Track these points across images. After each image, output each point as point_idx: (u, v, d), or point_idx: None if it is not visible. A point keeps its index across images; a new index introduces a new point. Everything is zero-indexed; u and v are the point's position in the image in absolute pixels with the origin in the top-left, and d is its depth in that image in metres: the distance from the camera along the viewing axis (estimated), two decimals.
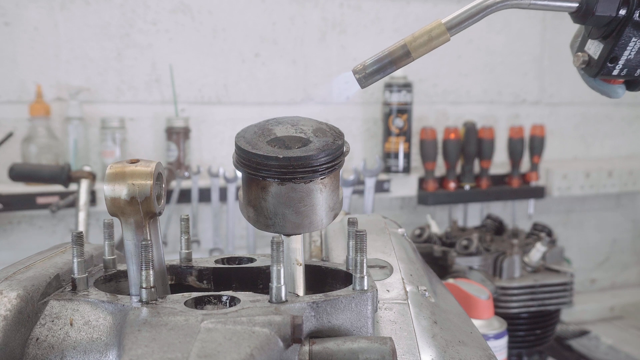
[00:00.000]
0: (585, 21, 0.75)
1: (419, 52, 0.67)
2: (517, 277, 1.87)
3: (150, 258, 0.56)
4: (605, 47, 0.76)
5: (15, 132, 2.02)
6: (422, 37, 0.66)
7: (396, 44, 0.67)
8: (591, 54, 0.79)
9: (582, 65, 0.80)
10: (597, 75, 0.79)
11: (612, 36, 0.75)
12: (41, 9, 2.03)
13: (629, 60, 0.76)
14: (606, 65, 0.77)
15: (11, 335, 0.54)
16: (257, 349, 0.48)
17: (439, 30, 0.67)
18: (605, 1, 0.72)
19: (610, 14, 0.73)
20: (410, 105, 2.32)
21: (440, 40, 0.67)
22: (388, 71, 0.67)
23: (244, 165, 0.60)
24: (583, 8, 0.74)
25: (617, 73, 0.78)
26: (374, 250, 0.78)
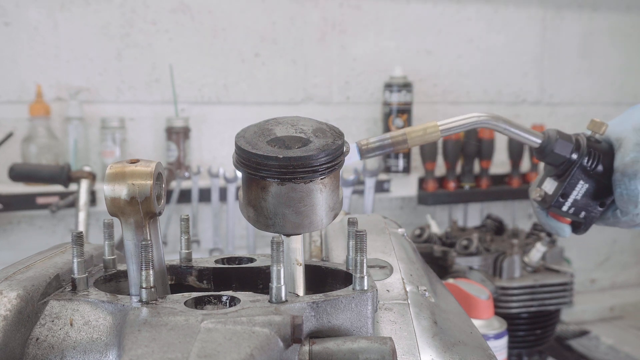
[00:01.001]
0: (544, 157, 0.88)
1: (414, 142, 0.81)
2: (517, 277, 1.87)
3: (150, 258, 0.56)
4: (559, 185, 0.90)
5: (15, 132, 2.02)
6: (418, 132, 0.81)
7: (398, 131, 0.81)
8: (547, 190, 0.92)
9: (538, 198, 0.93)
10: (549, 209, 0.92)
11: (565, 176, 0.88)
12: (41, 9, 2.03)
13: (576, 200, 0.89)
14: (558, 200, 0.90)
15: (11, 335, 0.54)
16: (257, 349, 0.48)
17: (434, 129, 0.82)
18: (562, 143, 0.87)
19: (565, 155, 0.87)
20: (410, 105, 2.33)
21: (432, 136, 0.82)
22: (387, 151, 0.80)
23: (244, 165, 0.60)
24: (544, 145, 0.87)
25: (565, 209, 0.90)
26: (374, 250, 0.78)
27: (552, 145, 0.87)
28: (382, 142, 0.79)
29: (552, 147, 0.87)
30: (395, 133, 0.81)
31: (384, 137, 0.80)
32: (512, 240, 1.94)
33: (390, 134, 0.80)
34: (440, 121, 0.82)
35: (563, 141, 0.87)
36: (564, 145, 0.87)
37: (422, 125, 0.82)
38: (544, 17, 2.67)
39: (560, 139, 0.87)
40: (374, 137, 0.79)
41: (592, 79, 2.81)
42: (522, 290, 1.84)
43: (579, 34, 2.75)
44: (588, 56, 2.78)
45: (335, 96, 2.41)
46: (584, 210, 0.90)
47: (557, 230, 0.95)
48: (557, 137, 0.87)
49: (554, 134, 0.88)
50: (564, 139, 0.87)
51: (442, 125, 0.82)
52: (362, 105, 2.45)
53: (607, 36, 2.79)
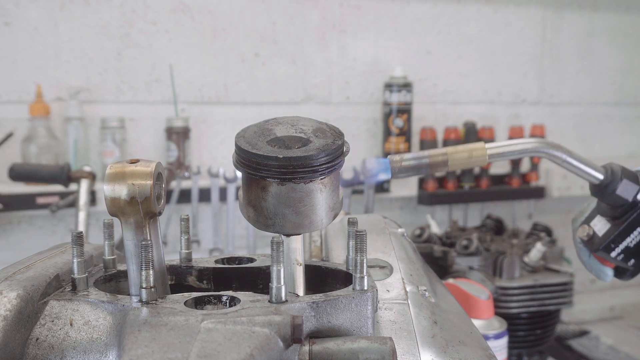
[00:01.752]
0: (604, 196, 0.77)
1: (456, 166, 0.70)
2: (517, 277, 1.87)
3: (150, 258, 0.56)
4: (612, 228, 0.79)
5: (15, 132, 2.02)
6: (463, 153, 0.70)
7: (438, 151, 0.70)
8: (596, 230, 0.81)
9: (585, 237, 0.82)
10: (596, 252, 0.82)
11: (621, 219, 0.78)
12: (41, 9, 2.03)
13: (627, 247, 0.79)
14: (609, 244, 0.79)
15: (11, 336, 0.54)
16: (257, 349, 0.48)
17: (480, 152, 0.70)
18: (627, 184, 0.75)
19: (628, 198, 0.76)
20: (410, 105, 2.33)
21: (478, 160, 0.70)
22: (422, 172, 0.70)
23: (244, 165, 0.60)
24: (606, 183, 0.76)
25: (614, 255, 0.80)
26: (374, 250, 0.78)
27: (615, 185, 0.76)
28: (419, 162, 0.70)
29: (614, 187, 0.76)
30: (435, 152, 0.70)
31: (421, 156, 0.70)
32: (512, 240, 1.94)
33: (430, 152, 0.70)
34: (489, 144, 0.72)
35: (628, 182, 0.76)
36: (629, 187, 0.76)
37: (467, 147, 0.71)
38: (544, 17, 2.68)
39: (625, 179, 0.76)
40: (409, 154, 0.70)
41: (592, 79, 2.81)
42: (522, 290, 1.84)
43: (579, 34, 2.75)
44: (588, 56, 2.78)
45: (335, 96, 2.41)
46: (634, 258, 0.80)
47: (599, 274, 0.86)
48: (621, 176, 0.76)
49: (618, 171, 0.77)
50: (629, 179, 0.76)
51: (491, 149, 0.72)
52: (362, 105, 2.45)
53: (607, 36, 2.79)
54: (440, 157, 0.70)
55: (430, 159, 0.70)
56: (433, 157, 0.70)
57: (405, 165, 0.69)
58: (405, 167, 0.69)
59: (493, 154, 0.72)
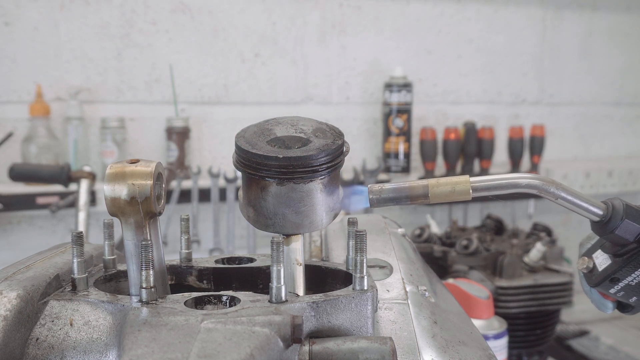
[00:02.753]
0: (602, 234, 0.74)
1: (437, 199, 0.67)
2: (517, 277, 1.87)
3: (150, 258, 0.56)
4: (612, 264, 0.76)
5: (15, 132, 2.02)
6: (445, 186, 0.66)
7: (419, 182, 0.67)
8: (597, 264, 0.78)
9: (584, 270, 0.80)
10: (594, 287, 0.79)
11: (623, 258, 0.74)
12: (41, 9, 2.03)
13: (629, 285, 0.76)
14: (606, 282, 0.77)
15: (11, 336, 0.54)
16: (257, 349, 0.48)
17: (464, 186, 0.67)
18: (628, 225, 0.71)
19: (628, 239, 0.72)
20: (410, 105, 2.32)
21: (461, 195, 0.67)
22: (402, 202, 0.67)
23: (244, 165, 0.60)
24: (605, 221, 0.72)
25: (613, 292, 0.78)
26: (374, 250, 0.78)
27: (615, 224, 0.71)
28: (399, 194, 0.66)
29: (614, 227, 0.71)
30: (415, 184, 0.67)
31: (400, 187, 0.67)
32: (512, 240, 1.94)
33: (410, 183, 0.67)
34: (474, 178, 0.68)
35: (630, 222, 0.71)
36: (630, 227, 0.71)
37: (450, 180, 0.68)
38: (544, 17, 2.67)
39: (626, 219, 0.71)
40: (389, 185, 0.67)
41: (592, 79, 2.81)
42: (522, 290, 1.84)
43: (579, 34, 2.75)
44: (588, 56, 2.78)
45: (335, 96, 2.41)
46: (636, 296, 0.77)
47: (599, 306, 0.84)
48: (622, 214, 0.71)
49: (620, 209, 0.72)
50: (631, 219, 0.71)
51: (476, 184, 0.68)
52: (362, 105, 2.45)
53: (607, 36, 2.79)
54: (421, 190, 0.67)
55: (410, 191, 0.67)
56: (413, 189, 0.67)
57: (384, 196, 0.67)
58: (384, 199, 0.67)
59: (478, 188, 0.68)
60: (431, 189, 0.66)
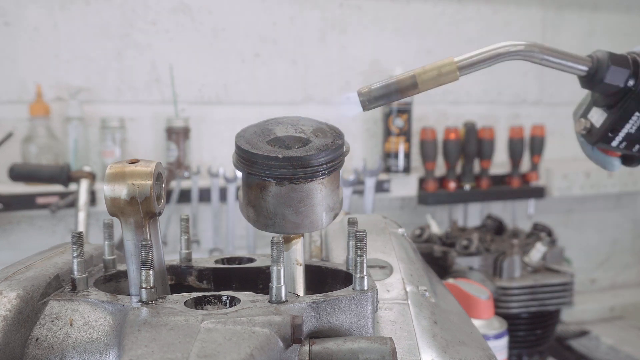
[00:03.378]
0: (593, 87, 0.74)
1: (427, 85, 0.66)
2: (517, 277, 1.87)
3: (150, 258, 0.56)
4: (608, 117, 0.75)
5: (15, 132, 2.01)
6: (432, 72, 0.66)
7: (405, 74, 0.66)
8: (593, 122, 0.78)
9: (583, 131, 0.79)
10: (596, 144, 0.79)
11: (617, 107, 0.74)
12: (41, 9, 2.03)
13: (629, 134, 0.75)
14: (606, 135, 0.76)
15: (11, 336, 0.54)
16: (257, 349, 0.48)
17: (450, 67, 0.66)
18: (615, 70, 0.71)
19: (618, 84, 0.72)
20: (410, 105, 2.32)
21: (449, 77, 0.66)
22: (393, 98, 0.66)
23: (244, 165, 0.60)
24: (592, 73, 0.73)
25: (616, 145, 0.77)
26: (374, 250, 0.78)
27: (603, 74, 0.72)
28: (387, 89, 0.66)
29: (602, 76, 0.72)
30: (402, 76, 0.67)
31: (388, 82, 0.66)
32: (512, 240, 1.94)
33: (397, 77, 0.66)
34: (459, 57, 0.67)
35: (617, 68, 0.72)
36: (618, 73, 0.72)
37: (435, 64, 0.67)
38: (544, 17, 2.67)
39: (612, 66, 0.72)
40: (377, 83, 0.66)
41: None
42: (522, 290, 1.84)
43: (579, 34, 2.75)
44: None
45: (335, 96, 2.41)
46: (638, 144, 0.76)
47: (605, 165, 0.83)
48: (608, 62, 0.72)
49: (605, 59, 0.72)
50: (617, 65, 0.72)
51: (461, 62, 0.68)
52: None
53: (607, 36, 2.79)
54: (409, 80, 0.66)
55: (399, 84, 0.66)
56: (401, 81, 0.66)
57: (375, 94, 0.66)
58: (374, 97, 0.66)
59: (463, 67, 0.67)
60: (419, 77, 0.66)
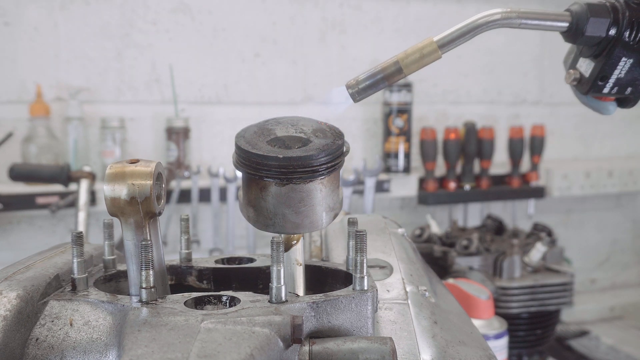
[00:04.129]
0: (576, 40, 0.76)
1: (411, 68, 0.67)
2: (517, 277, 1.87)
3: (150, 258, 0.56)
4: (596, 65, 0.77)
5: (15, 132, 2.02)
6: (414, 55, 0.67)
7: (389, 60, 0.67)
8: (582, 72, 0.80)
9: (573, 82, 0.82)
10: (587, 93, 0.80)
11: (603, 55, 0.75)
12: (41, 9, 2.03)
13: (619, 79, 0.76)
14: (597, 83, 0.77)
15: (11, 336, 0.54)
16: (257, 349, 0.48)
17: (431, 48, 0.68)
18: (595, 22, 0.72)
19: (600, 35, 0.73)
20: (410, 105, 2.32)
21: (431, 57, 0.67)
22: (380, 86, 0.67)
23: (244, 165, 0.60)
24: (573, 28, 0.74)
25: (607, 91, 0.78)
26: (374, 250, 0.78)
27: (583, 27, 0.73)
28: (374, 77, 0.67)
29: (583, 29, 0.73)
30: (386, 63, 0.68)
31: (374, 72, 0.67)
32: (512, 240, 1.94)
33: (382, 65, 0.68)
34: (437, 36, 0.68)
35: (596, 19, 0.72)
36: (598, 24, 0.73)
37: (416, 46, 0.68)
38: None
39: (592, 18, 0.72)
40: (363, 74, 0.67)
41: None
42: (522, 290, 1.84)
43: None
44: None
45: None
46: (630, 86, 0.77)
47: (601, 110, 0.83)
48: (587, 15, 0.73)
49: (584, 11, 0.73)
50: (596, 16, 0.72)
51: (441, 39, 0.69)
52: (362, 105, 2.44)
53: None
54: (393, 67, 0.67)
55: (385, 72, 0.67)
56: (386, 68, 0.67)
57: (362, 86, 0.67)
58: (362, 88, 0.67)
59: (444, 44, 0.69)
60: (402, 62, 0.67)
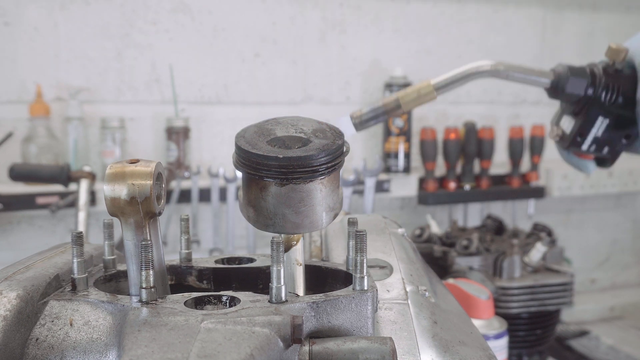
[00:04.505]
0: (557, 96, 0.81)
1: (409, 106, 0.74)
2: (517, 277, 1.87)
3: (150, 258, 0.56)
4: (576, 122, 0.82)
5: (15, 132, 2.02)
6: (412, 94, 0.74)
7: (390, 97, 0.74)
8: (564, 129, 0.85)
9: (556, 137, 0.87)
10: (568, 148, 0.85)
11: (582, 113, 0.81)
12: (41, 9, 2.03)
13: (596, 137, 0.82)
14: (576, 139, 0.83)
15: (11, 336, 0.54)
16: (257, 349, 0.48)
17: (428, 89, 0.74)
18: (575, 81, 0.78)
19: (579, 93, 0.79)
20: None
21: (427, 97, 0.74)
22: (381, 119, 0.74)
23: (244, 165, 0.60)
24: (555, 85, 0.79)
25: (585, 148, 0.84)
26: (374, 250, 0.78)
27: (564, 85, 0.79)
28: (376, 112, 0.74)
29: (564, 87, 0.79)
30: (387, 100, 0.75)
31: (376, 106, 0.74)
32: (512, 240, 1.94)
33: (383, 101, 0.75)
34: (435, 79, 0.75)
35: (575, 78, 0.79)
36: (577, 83, 0.79)
37: (415, 87, 0.75)
38: (544, 17, 2.67)
39: (572, 77, 0.79)
40: (367, 108, 0.74)
41: None
42: (522, 290, 1.84)
43: (579, 34, 2.75)
44: (588, 56, 2.77)
45: (335, 96, 2.41)
46: (607, 146, 0.83)
47: (580, 168, 0.88)
48: (568, 74, 0.79)
49: (565, 71, 0.79)
50: (576, 76, 0.79)
51: (437, 83, 0.75)
52: (362, 105, 2.45)
53: (607, 36, 2.79)
54: (394, 104, 0.74)
55: (385, 107, 0.74)
56: (387, 104, 0.74)
57: (365, 117, 0.73)
58: (365, 120, 0.73)
59: (439, 87, 0.75)
60: (402, 100, 0.74)
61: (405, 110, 0.74)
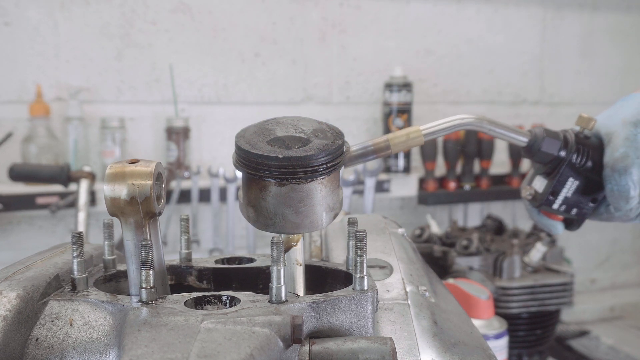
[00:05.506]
0: (533, 156, 0.87)
1: (398, 147, 0.78)
2: (517, 277, 1.87)
3: (150, 258, 0.56)
4: (549, 183, 0.88)
5: (15, 132, 2.02)
6: (401, 137, 0.78)
7: (380, 138, 0.78)
8: (537, 188, 0.91)
9: (528, 196, 0.92)
10: (539, 207, 0.90)
11: (554, 173, 0.87)
12: (41, 9, 2.03)
13: (567, 197, 0.88)
14: (548, 198, 0.88)
15: (11, 336, 0.54)
16: (257, 349, 0.48)
17: (416, 134, 0.79)
18: (550, 141, 0.85)
19: (553, 152, 0.85)
20: (410, 105, 2.32)
21: (415, 141, 0.79)
22: (369, 158, 0.77)
23: (244, 165, 0.60)
24: (531, 144, 0.86)
25: (556, 207, 0.89)
26: (374, 250, 0.78)
27: (539, 144, 0.86)
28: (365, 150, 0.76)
29: (539, 146, 0.86)
30: (377, 140, 0.78)
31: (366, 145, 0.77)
32: (512, 240, 1.94)
33: (373, 140, 0.78)
34: (423, 126, 0.80)
35: (550, 139, 0.86)
36: (552, 144, 0.86)
37: (404, 131, 0.79)
38: (544, 17, 2.67)
39: (547, 137, 0.86)
40: (356, 145, 0.76)
41: (592, 79, 2.81)
42: (522, 290, 1.84)
43: (579, 34, 2.75)
44: (588, 56, 2.78)
45: (335, 96, 2.41)
46: (575, 207, 0.89)
47: (550, 228, 0.94)
48: (544, 135, 0.86)
49: (541, 133, 0.87)
50: (551, 137, 0.86)
51: (425, 130, 0.80)
52: (362, 105, 2.45)
53: (607, 36, 2.79)
54: (383, 144, 0.77)
55: (375, 146, 0.77)
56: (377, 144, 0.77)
57: (354, 154, 0.75)
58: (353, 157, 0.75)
59: (428, 134, 0.80)
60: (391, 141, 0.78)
61: (393, 151, 0.78)
